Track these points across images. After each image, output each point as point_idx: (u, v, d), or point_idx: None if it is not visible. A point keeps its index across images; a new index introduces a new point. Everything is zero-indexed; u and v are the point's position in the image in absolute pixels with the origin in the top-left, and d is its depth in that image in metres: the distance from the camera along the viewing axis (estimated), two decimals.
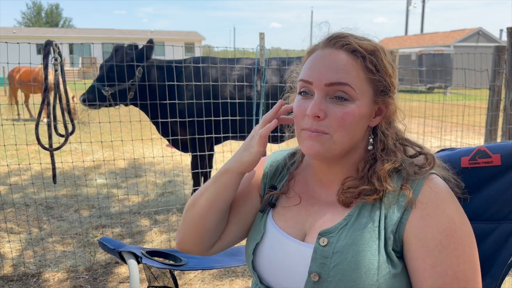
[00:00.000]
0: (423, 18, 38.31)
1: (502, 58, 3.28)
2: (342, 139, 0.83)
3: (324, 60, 0.84)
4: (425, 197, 0.80)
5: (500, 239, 0.91)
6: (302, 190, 0.95)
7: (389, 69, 0.85)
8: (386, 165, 0.84)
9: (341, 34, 0.85)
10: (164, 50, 17.10)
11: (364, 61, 0.83)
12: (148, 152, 5.79)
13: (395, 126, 0.90)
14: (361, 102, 0.83)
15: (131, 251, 1.23)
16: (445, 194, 0.82)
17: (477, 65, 3.67)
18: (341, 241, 0.81)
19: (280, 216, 0.94)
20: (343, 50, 0.83)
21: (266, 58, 3.14)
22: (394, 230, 0.80)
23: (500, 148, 0.94)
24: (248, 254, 0.94)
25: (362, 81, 0.83)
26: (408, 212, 0.80)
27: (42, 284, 2.47)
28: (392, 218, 0.80)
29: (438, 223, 0.78)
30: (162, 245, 2.97)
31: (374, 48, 0.84)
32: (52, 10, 54.21)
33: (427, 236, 0.78)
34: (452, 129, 4.89)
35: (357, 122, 0.83)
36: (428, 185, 0.81)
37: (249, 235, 0.98)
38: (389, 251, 0.79)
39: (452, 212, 0.79)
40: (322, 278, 0.80)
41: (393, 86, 0.86)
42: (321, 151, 0.83)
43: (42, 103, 2.40)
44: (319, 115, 0.81)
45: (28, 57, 2.51)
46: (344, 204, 0.86)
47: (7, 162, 4.95)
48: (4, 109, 9.05)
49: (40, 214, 3.56)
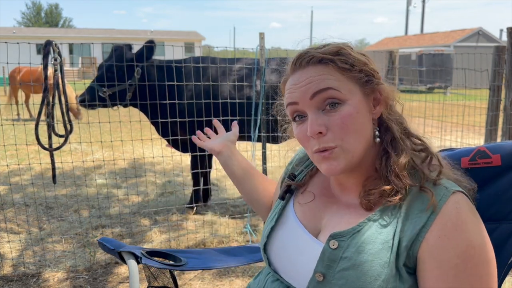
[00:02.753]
0: (423, 18, 38.33)
1: (502, 58, 3.28)
2: (353, 144, 0.81)
3: (298, 81, 0.84)
4: (445, 215, 0.75)
5: (500, 239, 0.91)
6: (322, 187, 0.95)
7: (362, 59, 0.84)
8: (401, 159, 0.81)
9: (301, 53, 0.85)
10: (164, 50, 17.10)
11: (335, 64, 0.82)
12: (148, 152, 5.79)
13: (396, 111, 0.89)
14: (353, 100, 0.81)
15: (131, 251, 1.23)
16: (467, 214, 0.76)
17: (477, 65, 3.66)
18: (351, 247, 0.79)
19: (299, 207, 0.95)
20: (310, 65, 0.83)
21: (266, 58, 3.14)
22: (408, 246, 0.76)
23: (500, 148, 0.94)
24: (263, 236, 0.96)
25: (342, 81, 0.82)
26: (426, 230, 0.76)
27: (42, 284, 2.47)
28: (408, 232, 0.77)
29: (455, 246, 0.74)
30: (162, 245, 2.97)
31: (337, 48, 0.84)
32: (51, 10, 54.20)
33: (443, 257, 0.74)
34: (452, 129, 4.89)
35: (358, 120, 0.81)
36: (452, 203, 0.77)
37: (268, 219, 1.00)
38: (399, 265, 0.76)
39: (472, 236, 0.74)
40: (327, 279, 0.79)
41: (375, 71, 0.85)
42: (341, 167, 0.82)
43: (42, 103, 2.40)
44: (320, 131, 0.80)
45: (28, 57, 2.50)
46: (367, 207, 0.83)
47: (7, 162, 4.95)
48: (4, 109, 9.06)
49: (40, 214, 3.56)
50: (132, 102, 3.29)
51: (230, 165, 1.24)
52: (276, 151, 4.15)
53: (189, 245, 2.96)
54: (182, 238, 3.04)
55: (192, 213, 3.53)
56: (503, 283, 0.94)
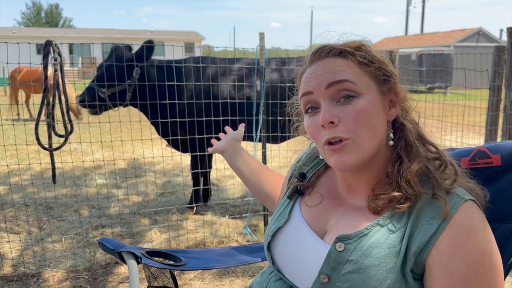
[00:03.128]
0: (423, 18, 38.32)
1: (502, 58, 3.28)
2: (366, 140, 0.79)
3: (316, 71, 0.83)
4: (457, 223, 0.75)
5: (500, 239, 0.91)
6: (329, 188, 0.94)
7: (381, 58, 0.84)
8: (413, 165, 0.80)
9: (321, 45, 0.85)
10: (164, 50, 17.08)
11: (355, 57, 0.82)
12: (148, 152, 5.79)
13: (412, 117, 0.88)
14: (368, 95, 0.81)
15: (131, 251, 1.23)
16: (478, 223, 0.76)
17: (477, 65, 3.66)
18: (357, 250, 0.78)
19: (306, 208, 0.94)
20: (329, 56, 0.83)
21: (266, 58, 3.14)
22: (417, 253, 0.75)
23: (500, 148, 0.94)
24: (267, 235, 0.95)
25: (360, 75, 0.81)
26: (436, 237, 0.75)
27: (42, 284, 2.47)
28: (418, 239, 0.76)
29: (466, 254, 0.73)
30: (162, 245, 2.97)
31: (359, 44, 0.84)
32: (52, 10, 54.19)
33: (452, 265, 0.73)
34: (452, 129, 4.88)
35: (372, 116, 0.80)
36: (463, 211, 0.76)
37: (273, 217, 0.98)
38: (406, 271, 0.76)
39: (483, 244, 0.74)
40: (332, 281, 0.79)
41: (393, 73, 0.85)
42: (351, 162, 0.80)
43: (41, 103, 2.40)
44: (332, 121, 0.79)
45: (28, 57, 2.50)
46: (374, 211, 0.82)
47: (7, 162, 4.95)
48: (4, 109, 9.05)
49: (40, 214, 3.56)
50: (132, 102, 3.29)
51: (234, 161, 1.25)
52: (276, 151, 4.15)
53: (189, 245, 2.96)
54: (182, 238, 3.04)
55: (192, 213, 3.53)
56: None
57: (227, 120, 3.26)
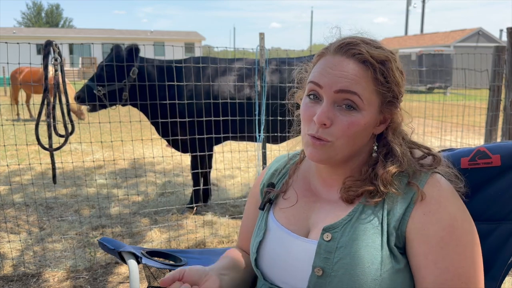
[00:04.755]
0: (423, 18, 38.33)
1: (502, 58, 3.28)
2: (343, 147, 0.84)
3: (335, 67, 0.83)
4: (427, 194, 0.81)
5: (500, 239, 0.91)
6: (303, 187, 0.97)
7: (398, 79, 0.85)
8: (391, 167, 0.84)
9: (353, 41, 0.84)
10: (164, 50, 17.09)
11: (375, 73, 0.83)
12: (148, 152, 5.79)
13: (401, 131, 0.90)
14: (367, 112, 0.83)
15: (131, 251, 1.23)
16: (448, 191, 0.83)
17: (477, 65, 3.67)
18: (344, 236, 0.82)
19: (282, 214, 0.95)
20: (353, 59, 0.83)
21: (266, 58, 3.14)
22: (396, 226, 0.81)
23: (500, 148, 0.94)
24: (252, 252, 0.96)
25: (370, 92, 0.83)
26: (411, 209, 0.81)
27: (42, 284, 2.47)
28: (395, 214, 0.82)
29: (440, 220, 0.79)
30: (162, 245, 2.98)
31: (385, 57, 0.84)
32: (52, 10, 54.21)
33: (429, 232, 0.79)
34: (452, 129, 4.88)
35: (361, 131, 0.84)
36: (431, 182, 0.83)
37: (253, 233, 0.99)
38: (391, 246, 0.81)
39: (454, 210, 0.80)
40: (326, 272, 0.81)
41: (400, 94, 0.87)
42: (323, 158, 0.85)
43: (42, 103, 2.40)
44: (325, 123, 0.83)
45: (28, 57, 2.51)
46: (347, 201, 0.87)
47: (7, 162, 4.95)
48: (4, 109, 9.05)
49: (40, 214, 3.56)
50: (132, 102, 3.29)
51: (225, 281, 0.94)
52: (276, 151, 4.15)
53: (189, 245, 2.96)
54: (182, 238, 3.04)
55: (192, 213, 3.53)
56: (503, 283, 0.94)
57: (227, 120, 3.27)
